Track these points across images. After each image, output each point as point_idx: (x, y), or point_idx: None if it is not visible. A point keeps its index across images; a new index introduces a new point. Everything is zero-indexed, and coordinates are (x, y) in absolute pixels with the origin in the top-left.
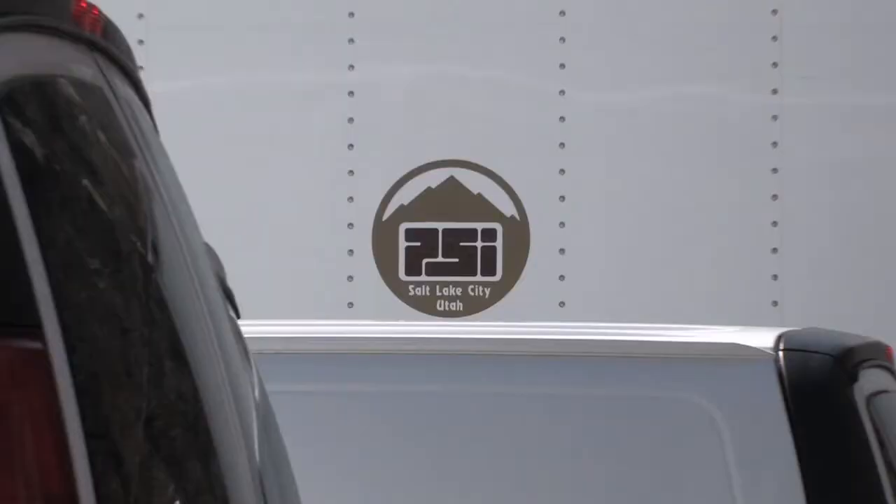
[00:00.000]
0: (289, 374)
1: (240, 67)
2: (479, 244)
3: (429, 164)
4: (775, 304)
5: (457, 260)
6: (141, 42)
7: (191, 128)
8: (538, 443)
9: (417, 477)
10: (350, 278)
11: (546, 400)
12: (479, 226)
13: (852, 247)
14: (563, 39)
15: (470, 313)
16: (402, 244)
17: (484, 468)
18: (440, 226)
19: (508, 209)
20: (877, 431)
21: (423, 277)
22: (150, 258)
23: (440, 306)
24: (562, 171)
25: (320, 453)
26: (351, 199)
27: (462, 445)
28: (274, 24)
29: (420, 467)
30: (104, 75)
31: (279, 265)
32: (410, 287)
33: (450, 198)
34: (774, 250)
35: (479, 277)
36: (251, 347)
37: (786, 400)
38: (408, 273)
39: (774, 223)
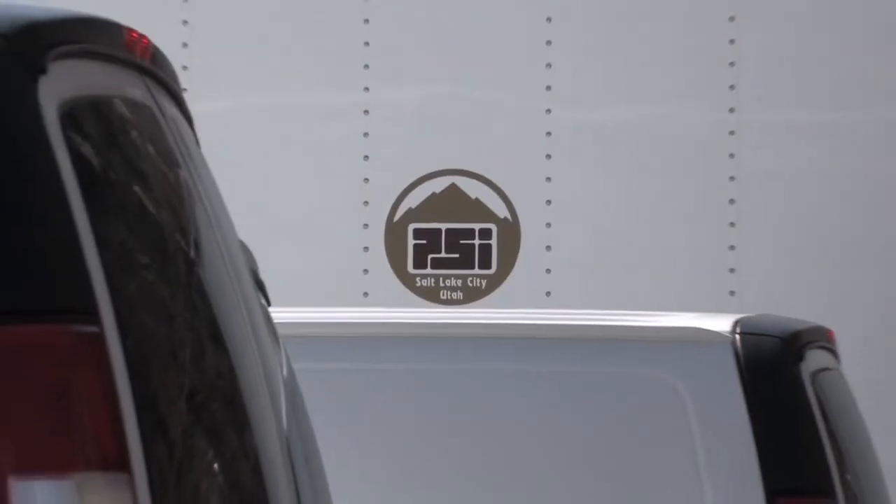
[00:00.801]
0: (312, 355)
1: (270, 89)
2: (476, 242)
3: (433, 172)
4: (732, 293)
5: (458, 255)
6: (185, 68)
7: (228, 141)
8: (525, 412)
9: (418, 438)
10: (365, 271)
11: (533, 376)
12: (477, 226)
13: (800, 245)
14: (549, 65)
15: (469, 301)
16: (411, 242)
17: (475, 435)
18: (443, 226)
19: (502, 212)
20: (820, 403)
21: (429, 270)
22: (192, 254)
23: (443, 295)
24: (548, 179)
25: (339, 422)
26: (366, 203)
27: (457, 413)
28: (300, 52)
29: (421, 432)
30: (153, 96)
31: (304, 260)
32: (417, 279)
33: (451, 202)
34: (732, 247)
35: (476, 270)
36: (280, 331)
37: (741, 376)
38: (415, 267)
39: (732, 224)
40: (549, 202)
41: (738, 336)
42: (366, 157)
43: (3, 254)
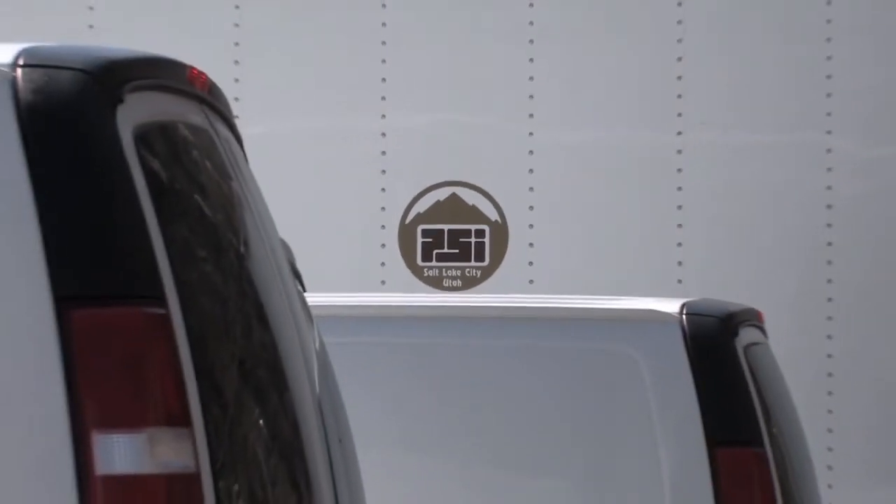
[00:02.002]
0: (339, 330)
1: (306, 116)
2: (472, 240)
3: (438, 183)
4: (680, 281)
5: (457, 251)
6: (237, 99)
7: (271, 158)
8: (509, 379)
9: (418, 400)
10: (383, 264)
11: (516, 349)
12: (473, 227)
13: (735, 242)
14: (531, 97)
15: (466, 288)
16: (419, 240)
17: (465, 399)
18: (446, 227)
19: (493, 215)
20: (751, 371)
21: (434, 263)
22: (241, 249)
23: (445, 283)
24: (531, 189)
25: (358, 384)
26: (383, 208)
27: (453, 380)
28: (329, 87)
29: (421, 395)
30: (210, 121)
31: (333, 254)
32: (425, 270)
33: (452, 207)
34: (679, 244)
35: (472, 263)
36: (313, 312)
37: (687, 349)
38: (423, 260)
39: (679, 225)
40: (531, 208)
41: (684, 316)
42: (383, 171)
43: (88, 251)
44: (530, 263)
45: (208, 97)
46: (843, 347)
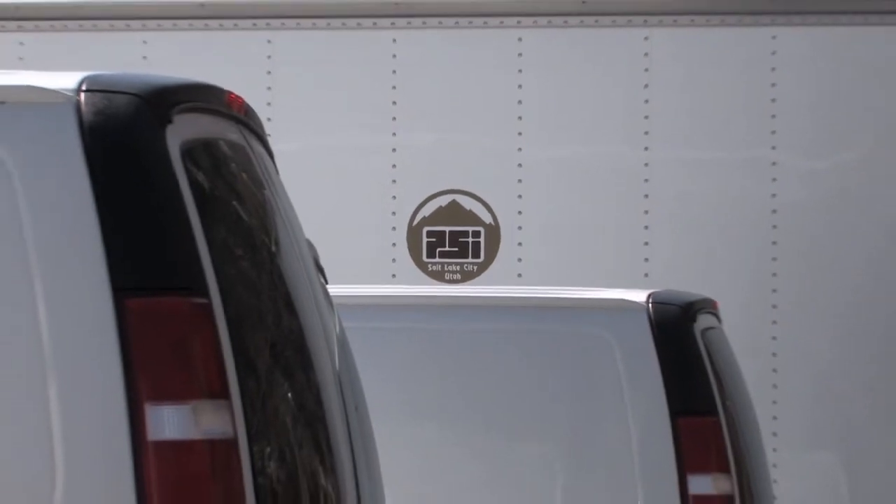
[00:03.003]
0: (357, 317)
1: (328, 134)
2: (470, 240)
3: (440, 192)
4: (646, 275)
5: (457, 249)
6: (269, 119)
7: (299, 170)
8: (501, 357)
9: (419, 376)
10: (393, 260)
11: (508, 332)
12: (470, 228)
13: (695, 242)
14: (520, 118)
15: (464, 281)
16: (425, 239)
17: (462, 375)
18: (447, 228)
19: (488, 219)
20: (707, 351)
21: (437, 259)
22: (273, 248)
23: (447, 277)
24: (520, 196)
25: (371, 362)
26: (393, 213)
27: (452, 360)
28: (347, 109)
29: (422, 372)
30: (245, 139)
31: (351, 251)
32: (429, 265)
33: (452, 212)
34: (646, 243)
35: (469, 259)
36: (334, 301)
37: (653, 332)
38: (427, 257)
39: (646, 227)
40: (520, 212)
41: (650, 305)
42: (393, 181)
43: (141, 249)
44: (519, 260)
45: (244, 118)
46: (786, 331)
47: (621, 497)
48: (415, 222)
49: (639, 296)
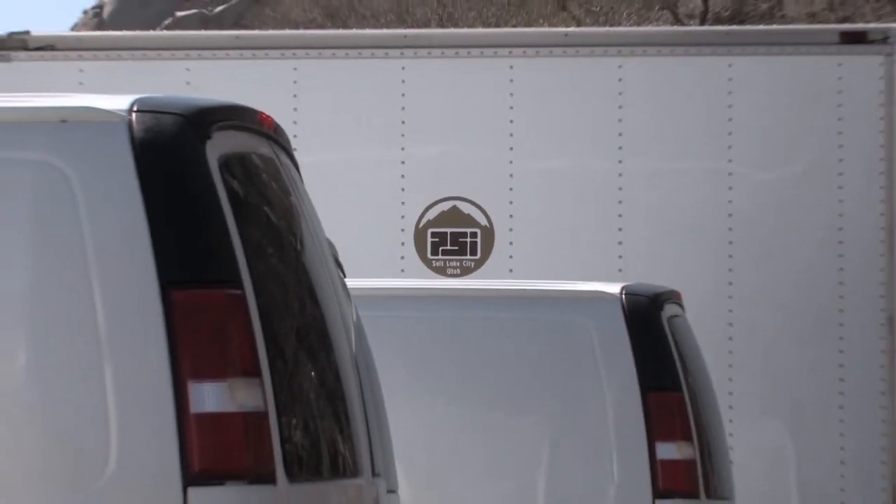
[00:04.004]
0: (372, 306)
1: (346, 148)
2: (468, 240)
3: (443, 198)
4: (620, 270)
5: (457, 248)
6: (295, 136)
7: (322, 179)
8: (494, 339)
9: (421, 357)
10: (402, 257)
11: (499, 320)
12: (468, 230)
13: (663, 241)
14: (511, 135)
15: (464, 275)
16: (429, 240)
17: (462, 358)
18: (448, 230)
19: (484, 221)
20: (673, 335)
21: (440, 257)
22: (298, 246)
23: (448, 272)
24: (511, 202)
25: (384, 346)
26: (402, 216)
27: (450, 343)
28: (363, 128)
29: (423, 352)
30: (275, 152)
31: (365, 249)
32: (433, 262)
33: (453, 216)
34: (620, 243)
35: (468, 257)
36: (351, 292)
37: (626, 319)
38: (432, 254)
39: (620, 229)
40: (511, 216)
41: (623, 296)
42: (402, 189)
43: (184, 248)
44: (511, 257)
45: (273, 134)
46: (740, 318)
47: (598, 461)
48: (421, 224)
49: (613, 288)
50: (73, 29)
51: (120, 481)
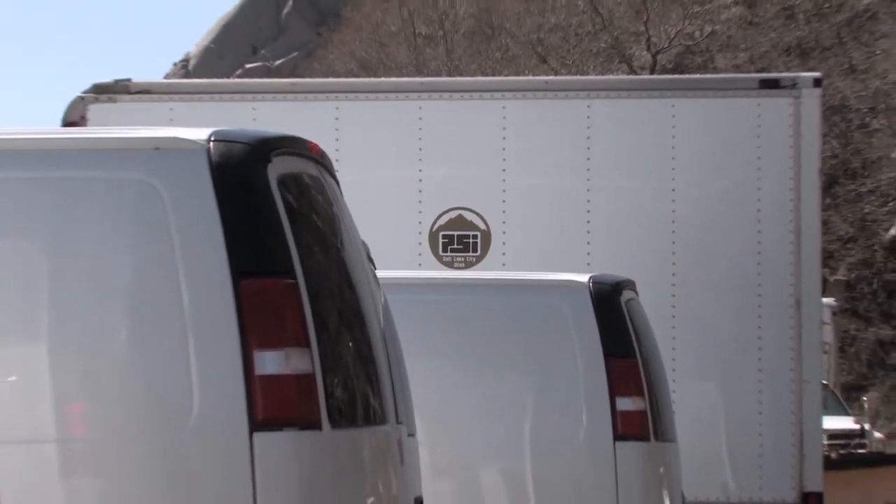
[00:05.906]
0: (396, 291)
1: (377, 170)
2: (471, 240)
3: (451, 208)
4: (588, 264)
5: (462, 246)
6: (337, 160)
7: (359, 195)
8: (486, 319)
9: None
10: (419, 254)
11: (486, 304)
12: (471, 233)
13: (621, 241)
14: (504, 159)
15: (467, 268)
16: (441, 241)
17: (463, 332)
18: (455, 233)
19: (482, 226)
20: (630, 316)
21: (449, 253)
22: (339, 245)
23: (455, 265)
24: (504, 212)
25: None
26: (420, 222)
27: (457, 320)
28: (390, 153)
29: (441, 330)
30: (321, 173)
31: (391, 248)
32: (443, 257)
33: (459, 222)
34: (588, 242)
35: (470, 254)
36: (380, 281)
37: (592, 302)
38: (442, 252)
39: (588, 231)
40: (504, 222)
41: (591, 283)
42: (420, 202)
43: (252, 246)
44: (503, 254)
45: (320, 159)
46: (681, 301)
47: (571, 411)
48: (434, 228)
49: (583, 278)
50: (165, 77)
51: (201, 427)
